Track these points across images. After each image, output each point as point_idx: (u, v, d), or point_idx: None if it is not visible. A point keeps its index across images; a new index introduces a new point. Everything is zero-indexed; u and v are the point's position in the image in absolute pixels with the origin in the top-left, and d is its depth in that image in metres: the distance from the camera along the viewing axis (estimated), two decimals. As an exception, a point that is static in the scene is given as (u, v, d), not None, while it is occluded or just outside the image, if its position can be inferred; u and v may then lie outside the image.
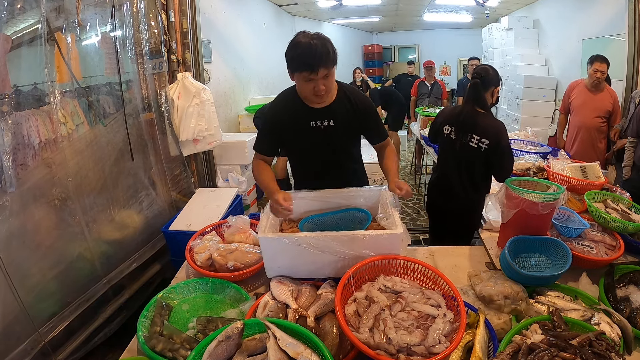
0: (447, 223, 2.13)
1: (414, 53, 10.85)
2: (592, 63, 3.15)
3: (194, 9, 2.87)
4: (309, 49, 1.31)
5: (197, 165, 3.15)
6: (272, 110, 1.59)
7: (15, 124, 1.63)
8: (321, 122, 1.52)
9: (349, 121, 1.54)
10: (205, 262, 1.47)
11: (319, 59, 1.32)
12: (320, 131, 1.53)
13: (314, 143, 1.56)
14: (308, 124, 1.52)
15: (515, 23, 6.14)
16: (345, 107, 1.53)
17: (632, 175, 2.63)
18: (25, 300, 1.63)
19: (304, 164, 1.70)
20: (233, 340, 0.94)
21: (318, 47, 1.31)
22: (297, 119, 1.52)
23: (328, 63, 1.34)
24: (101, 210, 2.13)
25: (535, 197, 1.40)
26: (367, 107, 1.57)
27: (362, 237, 1.23)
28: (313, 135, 1.54)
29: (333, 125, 1.53)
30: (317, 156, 1.62)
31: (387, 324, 1.00)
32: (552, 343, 0.97)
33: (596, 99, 3.22)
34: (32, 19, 1.73)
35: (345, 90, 1.55)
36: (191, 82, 2.75)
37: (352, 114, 1.54)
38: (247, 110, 4.76)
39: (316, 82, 1.37)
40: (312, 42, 1.31)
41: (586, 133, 3.29)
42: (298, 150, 1.66)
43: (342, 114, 1.52)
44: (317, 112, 1.51)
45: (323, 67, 1.34)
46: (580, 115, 3.31)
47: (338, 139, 1.57)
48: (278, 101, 1.58)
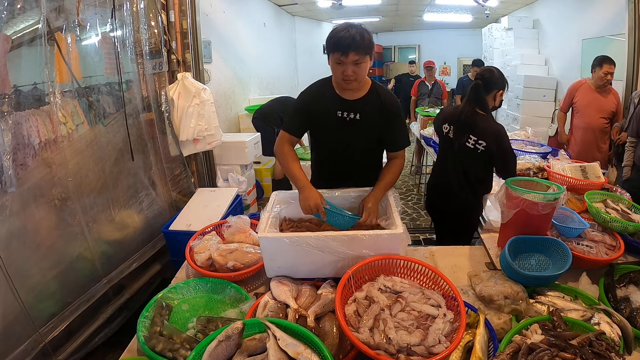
0: (446, 223, 2.14)
1: (414, 53, 10.84)
2: (601, 65, 3.12)
3: (194, 9, 2.87)
4: (344, 32, 1.39)
5: (197, 165, 3.15)
6: (306, 91, 1.65)
7: (15, 124, 1.63)
8: (347, 113, 1.56)
9: (374, 119, 1.57)
10: (205, 262, 1.48)
11: (351, 43, 1.38)
12: (345, 122, 1.57)
13: (337, 133, 1.60)
14: (335, 113, 1.57)
15: (515, 23, 6.14)
16: (374, 104, 1.56)
17: (632, 175, 2.63)
18: (26, 300, 1.63)
19: (325, 155, 1.72)
20: (233, 340, 0.94)
21: (353, 33, 1.38)
22: (327, 106, 1.57)
23: (359, 49, 1.39)
24: (101, 210, 2.13)
25: (535, 197, 1.40)
26: (394, 110, 1.59)
27: (362, 237, 1.23)
28: (337, 125, 1.58)
29: (358, 120, 1.56)
30: (338, 148, 1.64)
31: (387, 324, 1.00)
32: (552, 343, 0.97)
33: (602, 100, 3.22)
34: (32, 19, 1.73)
35: (378, 88, 1.59)
36: (191, 82, 2.75)
37: (378, 113, 1.56)
38: (247, 110, 4.76)
39: (346, 66, 1.42)
40: (350, 29, 1.39)
41: (591, 134, 3.27)
42: (321, 138, 1.70)
43: (369, 111, 1.56)
44: (346, 103, 1.56)
45: (353, 51, 1.39)
46: (585, 116, 3.28)
47: (360, 134, 1.59)
48: (314, 85, 1.64)
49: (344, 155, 1.65)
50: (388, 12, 7.79)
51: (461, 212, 1.99)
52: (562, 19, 5.25)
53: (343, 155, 1.66)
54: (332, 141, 1.65)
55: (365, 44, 1.40)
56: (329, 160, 1.72)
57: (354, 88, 1.53)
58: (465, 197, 1.96)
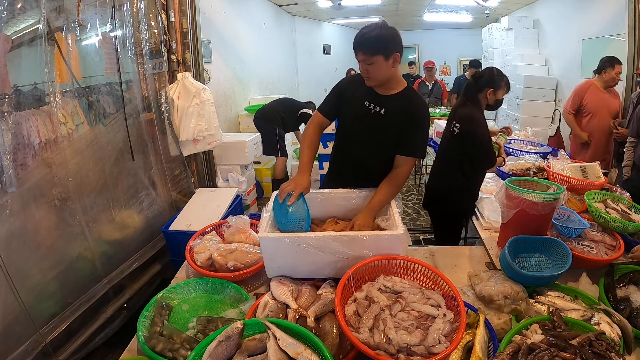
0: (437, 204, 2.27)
1: (414, 53, 10.83)
2: (613, 66, 3.11)
3: (194, 9, 2.87)
4: (359, 33, 1.44)
5: (197, 165, 3.15)
6: (346, 78, 1.71)
7: (15, 124, 1.63)
8: (374, 106, 1.58)
9: (397, 118, 1.55)
10: (205, 262, 1.48)
11: (359, 42, 1.44)
12: (369, 113, 1.58)
13: (360, 122, 1.61)
14: (363, 101, 1.59)
15: (515, 23, 6.14)
16: (403, 104, 1.54)
17: (632, 175, 2.63)
18: (26, 300, 1.63)
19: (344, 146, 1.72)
20: (233, 340, 0.94)
21: (365, 34, 1.42)
22: (358, 93, 1.60)
23: (365, 49, 1.43)
24: (101, 210, 2.13)
25: (535, 197, 1.40)
26: (420, 117, 1.55)
27: (363, 238, 1.23)
28: (362, 113, 1.59)
29: (382, 115, 1.56)
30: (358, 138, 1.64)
31: (387, 324, 1.00)
32: (552, 343, 0.97)
33: (610, 101, 3.22)
34: (32, 19, 1.73)
35: (411, 93, 1.59)
36: (191, 82, 2.75)
37: (403, 114, 1.54)
38: (247, 110, 4.76)
39: (360, 63, 1.48)
40: (366, 29, 1.43)
41: (603, 136, 3.24)
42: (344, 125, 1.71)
43: (394, 109, 1.55)
44: (374, 96, 1.57)
45: (360, 51, 1.44)
46: (597, 118, 3.23)
47: (381, 129, 1.58)
48: (353, 75, 1.69)
49: (362, 148, 1.64)
50: (388, 12, 7.78)
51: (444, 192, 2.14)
52: (562, 19, 5.24)
53: (362, 148, 1.64)
54: (354, 129, 1.65)
55: (372, 44, 1.41)
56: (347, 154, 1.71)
57: (372, 85, 1.55)
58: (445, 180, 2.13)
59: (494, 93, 2.00)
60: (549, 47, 5.72)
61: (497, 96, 2.02)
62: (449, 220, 2.21)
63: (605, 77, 3.18)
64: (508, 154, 2.82)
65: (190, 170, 3.04)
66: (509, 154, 2.81)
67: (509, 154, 2.83)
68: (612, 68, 3.13)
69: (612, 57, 3.17)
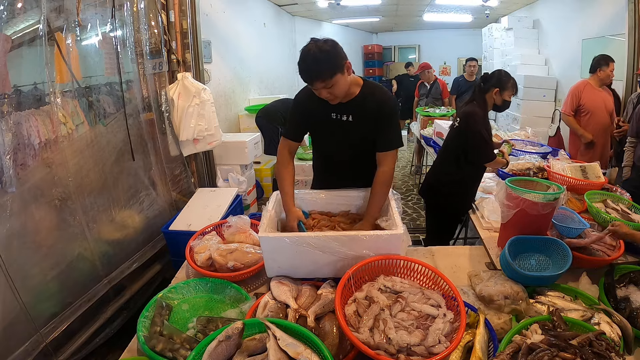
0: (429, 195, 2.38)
1: (414, 53, 10.84)
2: (608, 64, 3.13)
3: (194, 9, 2.87)
4: (304, 64, 1.36)
5: (197, 165, 3.15)
6: (301, 95, 1.63)
7: (16, 124, 1.63)
8: (341, 115, 1.56)
9: (367, 119, 1.53)
10: (205, 262, 1.48)
11: (311, 74, 1.37)
12: (340, 124, 1.56)
13: (334, 135, 1.60)
14: (329, 115, 1.56)
15: (515, 23, 6.14)
16: (367, 105, 1.52)
17: (632, 175, 2.63)
18: (26, 300, 1.63)
19: (324, 155, 1.74)
20: (233, 340, 0.94)
21: (311, 63, 1.34)
22: (321, 108, 1.55)
23: (322, 76, 1.36)
24: (102, 210, 2.13)
25: (535, 197, 1.40)
26: (387, 109, 1.53)
27: (363, 238, 1.23)
28: (333, 126, 1.58)
29: (352, 122, 1.55)
30: (335, 149, 1.65)
31: (387, 324, 1.00)
32: (552, 343, 0.97)
33: (607, 99, 3.23)
34: (32, 19, 1.73)
35: (371, 88, 1.55)
36: (191, 82, 2.75)
37: (371, 113, 1.52)
38: (247, 110, 4.76)
39: (319, 91, 1.42)
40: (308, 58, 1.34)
41: (604, 135, 3.25)
42: (319, 140, 1.72)
43: (362, 111, 1.53)
44: (339, 105, 1.53)
45: (318, 80, 1.37)
46: (596, 116, 3.23)
47: (356, 135, 1.58)
48: (308, 88, 1.57)
49: (342, 155, 1.66)
50: (388, 12, 7.78)
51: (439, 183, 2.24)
52: (562, 19, 5.24)
53: (341, 156, 1.66)
54: (330, 142, 1.66)
55: (325, 68, 1.34)
56: (328, 161, 1.74)
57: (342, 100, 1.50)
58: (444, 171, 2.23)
59: (500, 93, 2.08)
60: (549, 47, 5.72)
61: (504, 97, 2.10)
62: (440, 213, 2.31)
63: (600, 75, 3.19)
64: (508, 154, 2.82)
65: (190, 170, 3.04)
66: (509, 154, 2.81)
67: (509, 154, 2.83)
68: (607, 66, 3.15)
69: (606, 55, 3.18)
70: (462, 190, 2.16)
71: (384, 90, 1.58)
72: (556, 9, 5.44)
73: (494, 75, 2.11)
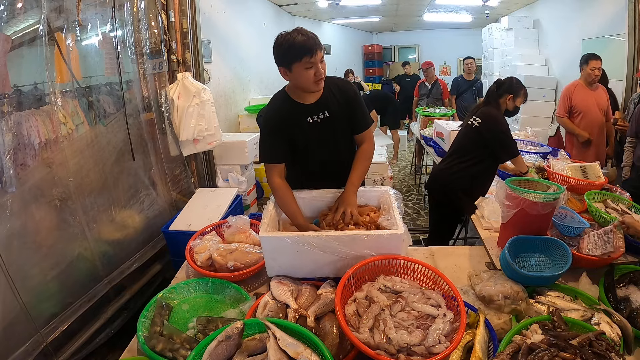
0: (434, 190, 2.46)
1: (414, 53, 10.84)
2: (587, 62, 3.15)
3: (194, 9, 2.87)
4: (300, 37, 1.38)
5: (197, 165, 3.15)
6: (268, 113, 1.61)
7: (16, 124, 1.63)
8: (317, 115, 1.55)
9: (340, 109, 1.57)
10: (205, 262, 1.48)
11: (313, 42, 1.39)
12: (317, 125, 1.56)
13: (314, 139, 1.58)
14: (305, 120, 1.55)
15: (515, 23, 6.14)
16: (335, 96, 1.57)
17: (631, 175, 2.63)
18: (27, 300, 1.63)
19: (304, 165, 1.68)
20: (233, 340, 0.94)
21: (306, 34, 1.39)
22: (294, 118, 1.54)
23: (321, 46, 1.41)
24: (102, 210, 2.13)
25: (535, 197, 1.40)
26: (351, 93, 1.60)
27: (363, 237, 1.23)
28: (311, 131, 1.56)
29: (328, 117, 1.56)
30: (317, 154, 1.62)
31: (387, 324, 1.00)
32: (552, 343, 0.97)
33: (598, 96, 3.22)
34: (33, 19, 1.73)
35: (329, 79, 1.58)
36: (191, 82, 2.75)
37: (340, 101, 1.57)
38: (247, 110, 4.76)
39: (316, 65, 1.41)
40: (298, 34, 1.39)
41: (599, 133, 3.24)
42: (299, 150, 1.63)
43: (334, 104, 1.56)
44: (310, 107, 1.54)
45: (318, 49, 1.40)
46: (590, 116, 3.23)
47: (336, 131, 1.59)
48: (272, 104, 1.60)
49: (331, 155, 1.63)
50: (388, 12, 7.78)
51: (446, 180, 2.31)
52: (562, 19, 5.25)
53: (330, 156, 1.63)
54: (315, 148, 1.60)
55: (318, 42, 1.41)
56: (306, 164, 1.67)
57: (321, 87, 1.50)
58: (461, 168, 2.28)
59: (513, 100, 2.21)
60: (549, 47, 5.72)
61: (516, 103, 2.23)
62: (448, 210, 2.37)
63: (583, 74, 3.21)
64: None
65: (190, 170, 3.04)
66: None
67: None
68: (587, 64, 3.15)
69: (589, 53, 3.18)
70: (475, 188, 2.22)
71: (342, 79, 1.68)
72: (556, 9, 5.44)
73: (506, 82, 2.24)
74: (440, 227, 2.46)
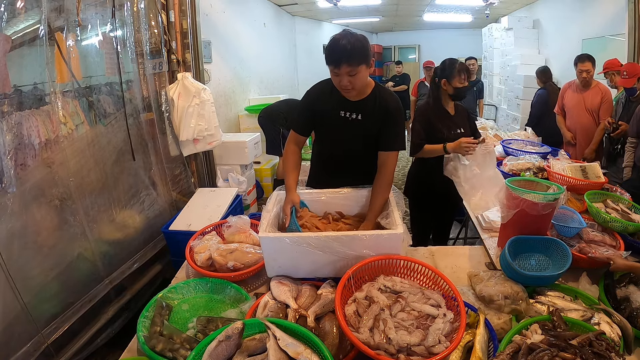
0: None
1: (414, 53, 10.85)
2: (576, 64, 3.19)
3: (194, 9, 2.87)
4: (336, 46, 1.40)
5: (197, 165, 3.15)
6: (312, 90, 1.67)
7: (16, 124, 1.63)
8: (350, 114, 1.60)
9: (374, 119, 1.59)
10: (205, 262, 1.48)
11: (341, 56, 1.39)
12: (348, 122, 1.61)
13: (340, 132, 1.63)
14: (338, 112, 1.60)
15: (515, 23, 6.14)
16: (375, 104, 1.58)
17: (632, 175, 2.63)
18: (28, 301, 1.63)
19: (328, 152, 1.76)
20: (233, 340, 0.94)
21: (345, 45, 1.38)
22: (330, 105, 1.60)
23: (351, 61, 1.40)
24: (102, 210, 2.13)
25: (535, 197, 1.40)
26: (393, 111, 1.59)
27: (363, 237, 1.23)
28: (341, 124, 1.61)
29: (360, 120, 1.60)
30: (338, 146, 1.68)
31: (387, 324, 1.00)
32: (552, 343, 0.97)
33: (586, 98, 3.23)
34: (33, 19, 1.73)
35: (380, 90, 1.61)
36: (191, 82, 2.75)
37: (378, 113, 1.58)
38: (247, 110, 4.76)
39: (340, 77, 1.45)
40: (342, 41, 1.39)
41: (583, 133, 3.27)
42: (324, 136, 1.73)
43: (370, 110, 1.59)
44: (348, 103, 1.59)
45: (345, 63, 1.40)
46: (574, 117, 3.31)
47: (362, 133, 1.62)
48: (319, 85, 1.67)
49: (346, 152, 1.69)
50: (388, 12, 7.78)
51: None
52: (562, 19, 5.24)
53: (346, 153, 1.69)
54: (335, 139, 1.68)
55: (357, 54, 1.39)
56: (331, 158, 1.75)
57: (353, 96, 1.55)
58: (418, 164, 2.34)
59: (449, 83, 2.08)
60: (549, 47, 5.72)
61: (454, 84, 2.07)
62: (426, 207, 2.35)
63: (576, 74, 3.24)
64: (508, 154, 2.82)
65: (190, 170, 3.04)
66: (509, 154, 2.81)
67: (509, 154, 2.83)
68: (576, 66, 3.19)
69: (580, 55, 3.21)
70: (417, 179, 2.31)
71: (393, 94, 1.66)
72: (556, 9, 5.44)
73: (437, 69, 2.17)
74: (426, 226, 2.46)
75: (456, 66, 2.07)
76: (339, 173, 1.72)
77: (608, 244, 1.52)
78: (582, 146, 3.30)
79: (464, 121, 2.23)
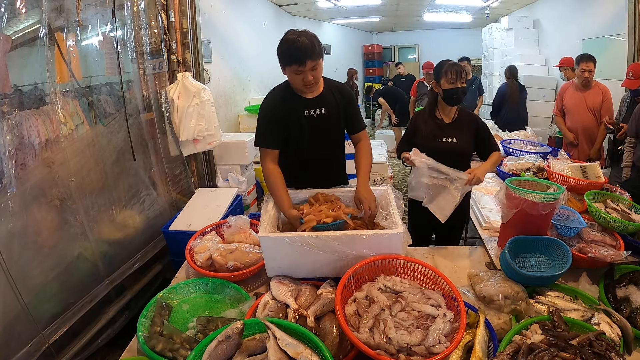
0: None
1: (414, 53, 10.85)
2: (578, 63, 3.19)
3: (194, 9, 2.87)
4: (296, 44, 1.44)
5: (197, 165, 3.15)
6: (268, 100, 1.69)
7: (16, 124, 1.63)
8: (314, 110, 1.63)
9: (337, 109, 1.66)
10: (205, 262, 1.48)
11: (305, 53, 1.45)
12: (314, 120, 1.63)
13: (308, 133, 1.64)
14: (302, 113, 1.63)
15: (515, 23, 6.14)
16: (333, 95, 1.66)
17: (631, 175, 2.63)
18: (28, 301, 1.62)
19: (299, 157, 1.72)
20: (233, 340, 0.94)
21: (304, 42, 1.44)
22: (292, 109, 1.62)
23: (314, 56, 1.47)
24: (102, 210, 2.13)
25: (535, 197, 1.40)
26: (349, 96, 1.71)
27: (363, 237, 1.23)
28: (307, 124, 1.63)
29: (325, 114, 1.64)
30: (309, 148, 1.68)
31: (387, 324, 1.00)
32: (552, 343, 0.98)
33: (587, 98, 3.23)
34: (33, 19, 1.73)
35: (331, 82, 1.71)
36: (191, 82, 2.75)
37: (338, 102, 1.67)
38: (247, 110, 4.76)
39: (304, 73, 1.49)
40: (299, 39, 1.45)
41: (586, 133, 3.27)
42: (294, 141, 1.68)
43: (332, 102, 1.66)
44: (309, 101, 1.62)
45: (309, 59, 1.46)
46: (575, 117, 3.29)
47: (330, 128, 1.67)
48: (272, 93, 1.70)
49: (322, 151, 1.70)
50: (388, 12, 7.78)
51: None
52: (562, 19, 5.24)
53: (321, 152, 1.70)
54: (308, 142, 1.67)
55: (317, 48, 1.47)
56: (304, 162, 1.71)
57: (313, 91, 1.61)
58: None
59: (438, 85, 1.94)
60: (549, 47, 5.72)
61: (442, 86, 1.92)
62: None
63: (577, 74, 3.24)
64: (508, 154, 2.82)
65: (190, 170, 3.04)
66: (509, 154, 2.81)
67: (509, 154, 2.83)
68: (578, 65, 3.19)
69: (582, 54, 3.21)
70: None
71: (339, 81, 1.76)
72: (556, 9, 5.44)
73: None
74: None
75: (443, 67, 1.93)
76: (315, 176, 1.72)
77: (608, 244, 1.53)
78: (584, 146, 3.29)
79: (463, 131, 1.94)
